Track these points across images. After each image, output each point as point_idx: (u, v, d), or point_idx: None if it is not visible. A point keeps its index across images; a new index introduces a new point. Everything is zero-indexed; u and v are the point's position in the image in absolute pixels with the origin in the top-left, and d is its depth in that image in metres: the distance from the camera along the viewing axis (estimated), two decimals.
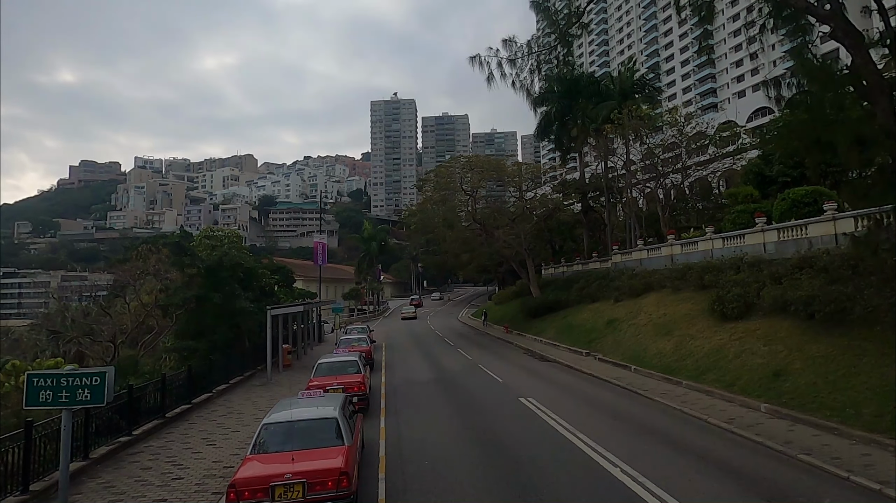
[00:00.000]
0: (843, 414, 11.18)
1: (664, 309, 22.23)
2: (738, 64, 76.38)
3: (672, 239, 27.16)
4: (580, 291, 32.35)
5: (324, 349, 32.12)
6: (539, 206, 45.50)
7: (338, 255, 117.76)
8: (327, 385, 14.66)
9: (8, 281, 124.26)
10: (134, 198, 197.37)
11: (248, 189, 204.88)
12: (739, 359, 15.54)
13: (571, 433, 12.12)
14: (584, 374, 20.43)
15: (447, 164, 52.25)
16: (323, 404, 9.94)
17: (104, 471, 11.00)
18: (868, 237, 12.08)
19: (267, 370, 22.86)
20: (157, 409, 14.79)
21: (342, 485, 7.71)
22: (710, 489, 8.75)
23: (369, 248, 73.08)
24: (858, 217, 15.83)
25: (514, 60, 16.02)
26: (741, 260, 19.93)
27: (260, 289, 27.85)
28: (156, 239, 35.77)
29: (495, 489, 9.08)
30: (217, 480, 10.09)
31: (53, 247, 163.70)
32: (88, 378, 7.52)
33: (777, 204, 21.55)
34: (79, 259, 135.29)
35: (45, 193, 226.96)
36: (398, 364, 25.72)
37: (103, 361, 27.85)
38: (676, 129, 32.85)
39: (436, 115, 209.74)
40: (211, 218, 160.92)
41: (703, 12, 14.17)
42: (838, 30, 11.06)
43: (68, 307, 39.07)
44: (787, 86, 12.83)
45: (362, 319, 56.37)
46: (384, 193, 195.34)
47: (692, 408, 13.65)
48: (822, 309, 13.83)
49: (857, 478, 8.64)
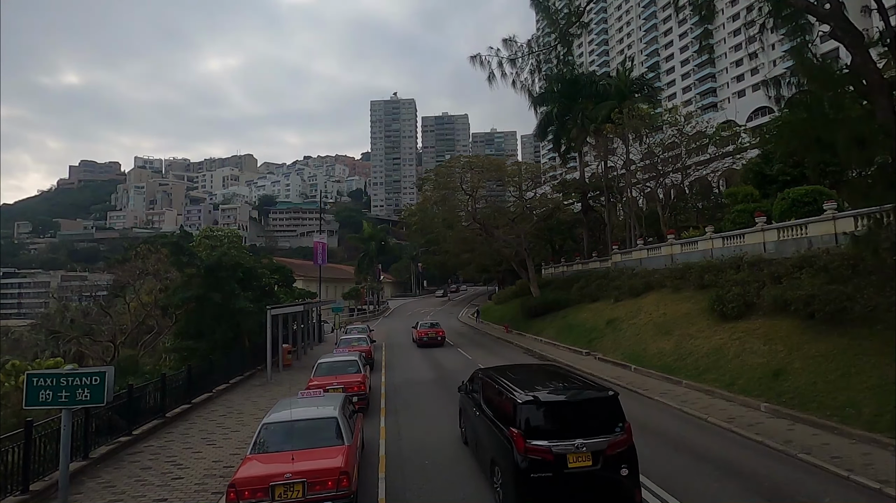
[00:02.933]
0: (843, 413, 11.18)
1: (664, 308, 22.23)
2: (738, 63, 76.37)
3: (672, 238, 27.16)
4: (580, 291, 32.35)
5: (324, 349, 32.11)
6: (539, 205, 45.47)
7: (338, 255, 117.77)
8: (327, 385, 14.66)
9: (8, 281, 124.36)
10: (134, 198, 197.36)
11: (248, 189, 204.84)
12: (739, 359, 15.54)
13: None
14: (585, 374, 20.42)
15: (447, 163, 52.17)
16: (323, 404, 9.94)
17: (104, 470, 10.99)
18: (868, 236, 12.04)
19: (267, 370, 22.85)
20: (157, 409, 14.78)
21: (342, 484, 7.71)
22: (710, 488, 8.74)
23: (369, 247, 73.05)
24: (858, 216, 15.84)
25: (514, 60, 15.99)
26: (741, 259, 19.95)
27: (260, 289, 27.82)
28: (155, 239, 35.78)
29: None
30: (217, 480, 10.09)
31: (53, 247, 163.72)
32: (88, 378, 7.51)
33: (777, 203, 21.54)
34: (79, 259, 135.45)
35: (45, 193, 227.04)
36: (398, 363, 25.71)
37: (103, 361, 27.89)
38: (676, 129, 32.84)
39: (435, 115, 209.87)
40: (211, 218, 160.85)
41: (704, 12, 14.17)
42: (838, 29, 11.05)
43: (68, 307, 39.14)
44: (786, 85, 12.81)
45: (362, 319, 56.36)
46: (384, 193, 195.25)
47: (692, 408, 13.66)
48: (821, 308, 13.85)
49: (857, 477, 8.65)
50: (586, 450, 7.58)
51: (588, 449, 7.59)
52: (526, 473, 7.53)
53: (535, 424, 7.80)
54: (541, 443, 7.59)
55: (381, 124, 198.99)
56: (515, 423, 7.88)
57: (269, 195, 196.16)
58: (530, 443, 7.62)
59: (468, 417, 11.21)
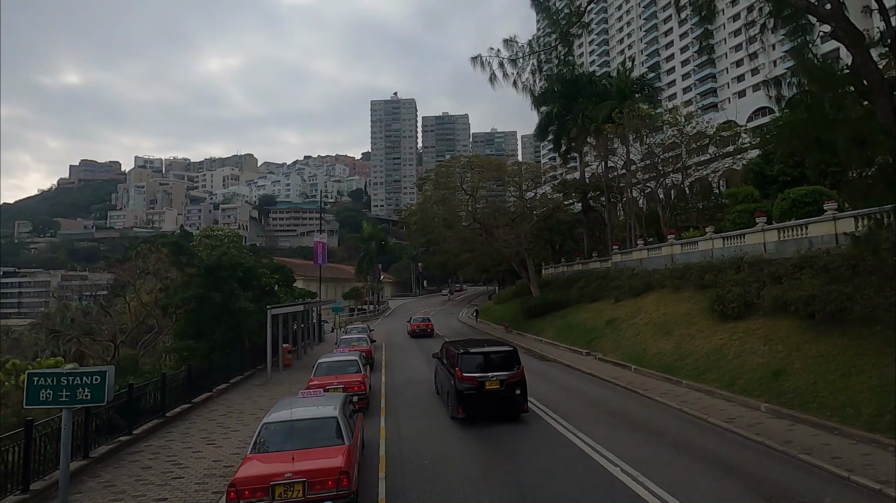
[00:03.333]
0: (843, 413, 11.18)
1: (664, 308, 22.22)
2: (739, 64, 76.34)
3: (672, 238, 27.16)
4: (580, 291, 32.35)
5: (324, 349, 32.11)
6: (539, 205, 45.49)
7: (338, 255, 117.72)
8: (327, 384, 14.66)
9: (8, 280, 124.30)
10: (134, 197, 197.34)
11: (248, 189, 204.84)
12: (739, 359, 15.54)
13: (571, 433, 12.13)
14: (585, 374, 20.44)
15: (447, 163, 52.19)
16: (323, 404, 9.93)
17: (104, 470, 10.99)
18: (868, 237, 12.04)
19: (267, 369, 22.85)
20: (158, 409, 14.78)
21: (342, 484, 7.71)
22: (710, 488, 8.74)
23: (369, 247, 73.04)
24: (859, 216, 15.83)
25: (515, 60, 15.99)
26: (741, 259, 19.94)
27: (260, 289, 27.82)
28: (155, 238, 35.81)
29: (495, 489, 9.06)
30: (217, 480, 10.09)
31: (53, 246, 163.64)
32: (88, 377, 7.51)
33: (777, 203, 21.54)
34: (79, 258, 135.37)
35: (45, 193, 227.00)
36: (398, 363, 25.71)
37: (103, 360, 27.88)
38: (677, 129, 32.84)
39: (436, 115, 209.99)
40: (211, 217, 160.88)
41: (704, 12, 14.16)
42: (838, 29, 11.04)
43: (68, 306, 39.15)
44: (787, 85, 12.80)
45: (362, 319, 56.35)
46: (384, 193, 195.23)
47: (692, 408, 13.65)
48: (822, 308, 13.84)
49: (858, 477, 8.64)
50: (496, 379, 13.22)
51: (497, 378, 13.23)
52: (462, 391, 13.23)
53: (467, 365, 13.46)
54: (470, 374, 13.27)
55: (382, 124, 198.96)
56: (458, 365, 13.54)
57: (269, 195, 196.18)
58: (465, 375, 13.29)
59: (436, 372, 17.40)
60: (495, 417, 13.19)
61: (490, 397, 13.10)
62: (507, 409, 13.38)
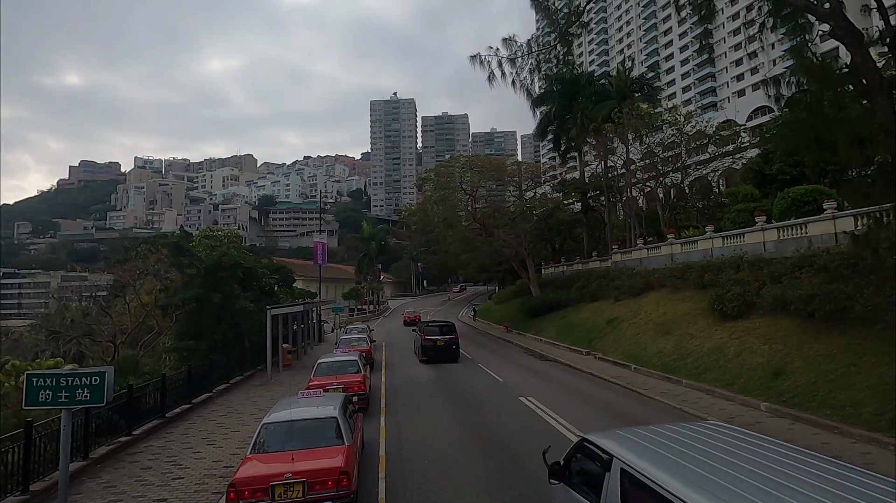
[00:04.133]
0: (843, 412, 11.18)
1: (664, 308, 22.22)
2: (738, 63, 76.29)
3: (672, 238, 27.15)
4: (580, 291, 32.34)
5: (324, 349, 32.10)
6: (539, 205, 45.47)
7: (338, 255, 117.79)
8: (327, 384, 14.66)
9: (8, 281, 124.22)
10: (134, 198, 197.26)
11: (248, 189, 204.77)
12: (739, 358, 15.54)
13: (571, 433, 12.11)
14: (585, 373, 20.43)
15: (447, 163, 52.17)
16: (323, 404, 9.92)
17: (104, 470, 10.99)
18: (868, 235, 12.04)
19: (267, 370, 22.85)
20: (157, 409, 14.78)
21: (342, 484, 7.70)
22: None
23: (369, 247, 73.04)
24: (858, 215, 15.83)
25: (514, 59, 15.95)
26: (741, 259, 19.93)
27: (260, 289, 27.83)
28: (155, 239, 35.78)
29: (495, 488, 9.06)
30: (217, 480, 10.09)
31: (53, 247, 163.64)
32: (88, 378, 7.49)
33: (777, 202, 21.53)
34: (79, 259, 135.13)
35: (44, 194, 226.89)
36: (398, 363, 25.71)
37: (103, 361, 27.87)
38: (676, 129, 32.83)
39: (435, 115, 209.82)
40: (211, 218, 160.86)
41: (703, 11, 14.13)
42: (838, 28, 11.03)
43: (68, 307, 39.07)
44: (786, 84, 12.77)
45: (362, 319, 56.35)
46: (384, 193, 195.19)
47: (692, 407, 13.65)
48: (821, 308, 13.83)
49: None
50: (443, 339, 25.41)
51: (444, 338, 25.45)
52: (424, 345, 25.51)
53: (427, 331, 26.21)
54: (428, 337, 25.63)
55: (381, 124, 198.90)
56: (421, 331, 26.85)
57: (268, 195, 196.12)
58: (425, 337, 25.69)
59: (414, 340, 29.29)
60: (440, 360, 24.70)
61: (439, 349, 25.12)
62: (447, 355, 25.10)
